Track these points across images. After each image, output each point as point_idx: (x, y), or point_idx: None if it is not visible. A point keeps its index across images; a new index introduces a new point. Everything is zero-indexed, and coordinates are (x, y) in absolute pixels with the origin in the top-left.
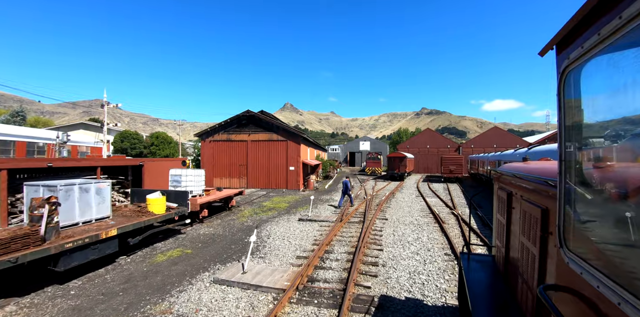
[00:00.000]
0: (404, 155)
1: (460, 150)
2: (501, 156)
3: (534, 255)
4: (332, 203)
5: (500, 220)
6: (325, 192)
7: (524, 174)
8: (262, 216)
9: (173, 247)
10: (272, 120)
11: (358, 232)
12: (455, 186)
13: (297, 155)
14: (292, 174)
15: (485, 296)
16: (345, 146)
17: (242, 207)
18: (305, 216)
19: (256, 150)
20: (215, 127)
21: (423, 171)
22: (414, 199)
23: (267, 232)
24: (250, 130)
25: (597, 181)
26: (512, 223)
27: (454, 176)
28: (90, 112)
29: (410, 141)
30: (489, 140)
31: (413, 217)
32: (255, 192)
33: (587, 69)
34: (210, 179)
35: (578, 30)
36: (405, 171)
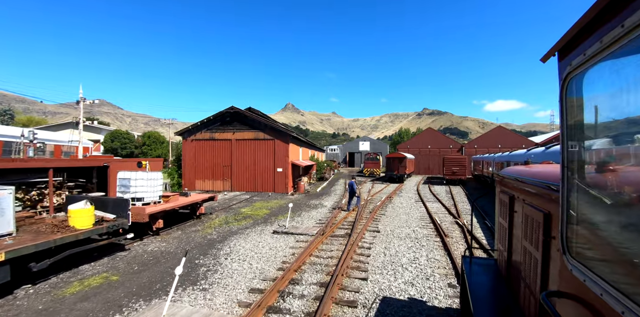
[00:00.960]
0: (404, 156)
1: (463, 150)
2: (510, 157)
3: (536, 259)
4: (321, 209)
5: (502, 223)
6: (316, 196)
7: (526, 178)
8: (232, 227)
9: (101, 271)
10: (258, 118)
11: (340, 251)
12: (458, 188)
13: (285, 156)
14: (280, 176)
15: (487, 300)
16: (345, 146)
17: (215, 214)
18: (281, 228)
19: (241, 150)
20: (197, 125)
21: (424, 172)
22: (413, 205)
23: (229, 250)
24: (235, 129)
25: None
26: (514, 227)
27: (456, 178)
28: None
29: (410, 141)
30: (493, 141)
31: (410, 228)
32: (238, 196)
33: (589, 75)
34: (192, 181)
35: (580, 38)
36: (405, 173)
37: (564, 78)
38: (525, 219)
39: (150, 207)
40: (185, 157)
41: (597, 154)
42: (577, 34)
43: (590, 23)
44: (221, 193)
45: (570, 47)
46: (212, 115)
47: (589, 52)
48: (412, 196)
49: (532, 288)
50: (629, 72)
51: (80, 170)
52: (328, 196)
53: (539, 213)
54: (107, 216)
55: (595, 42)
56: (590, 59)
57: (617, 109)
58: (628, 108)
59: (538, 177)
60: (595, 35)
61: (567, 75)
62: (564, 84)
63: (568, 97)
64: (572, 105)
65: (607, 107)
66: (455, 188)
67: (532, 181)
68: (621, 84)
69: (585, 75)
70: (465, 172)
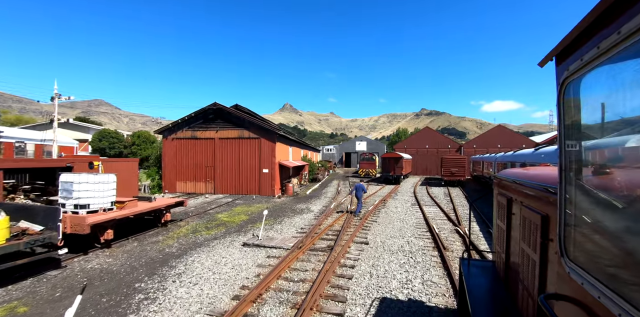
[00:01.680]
0: (400, 156)
1: (462, 150)
2: (515, 157)
3: (534, 261)
4: (306, 215)
5: (500, 225)
6: (305, 199)
7: (524, 180)
8: (199, 237)
9: (13, 298)
10: (242, 115)
11: (317, 271)
12: (457, 190)
13: (271, 156)
14: (266, 178)
15: (485, 302)
16: (341, 146)
17: (186, 221)
18: (254, 239)
19: (225, 149)
20: (178, 123)
21: (422, 173)
22: (409, 209)
23: (183, 268)
24: (219, 127)
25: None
26: (512, 229)
27: (455, 179)
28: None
29: (408, 141)
30: (493, 140)
31: (404, 238)
32: (220, 200)
33: (587, 80)
34: (172, 183)
35: (578, 43)
36: (402, 173)
37: (561, 83)
38: (523, 222)
39: (95, 216)
40: (166, 157)
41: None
42: (575, 39)
43: (587, 29)
44: (202, 196)
45: (568, 52)
46: (193, 112)
47: (586, 57)
48: (408, 199)
49: (530, 290)
50: (625, 78)
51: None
52: (317, 199)
53: (537, 215)
54: (33, 227)
55: (593, 48)
56: (588, 65)
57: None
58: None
59: (536, 180)
60: (592, 41)
61: (565, 80)
62: (562, 89)
63: (566, 101)
64: (570, 109)
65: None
66: (454, 190)
67: (529, 184)
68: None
69: (583, 80)
70: (465, 173)
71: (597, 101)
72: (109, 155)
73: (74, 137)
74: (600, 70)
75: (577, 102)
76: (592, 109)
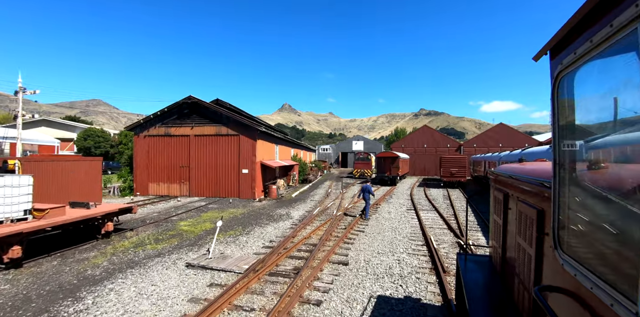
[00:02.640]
0: (396, 155)
1: (462, 149)
2: (525, 156)
3: (530, 255)
4: (283, 223)
5: (497, 221)
6: (288, 203)
7: (520, 175)
8: (140, 253)
9: None
10: (219, 109)
11: (266, 313)
12: (457, 192)
13: (251, 155)
14: (246, 179)
15: (482, 296)
16: (337, 146)
17: (138, 230)
18: (203, 257)
19: (201, 147)
20: (150, 119)
21: (420, 173)
22: (404, 215)
23: (89, 302)
24: (194, 123)
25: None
26: (508, 224)
27: (455, 180)
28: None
29: (405, 140)
30: (494, 139)
31: (395, 254)
32: (192, 203)
33: (580, 74)
34: (144, 184)
35: (571, 37)
36: (398, 174)
37: (555, 76)
38: (519, 216)
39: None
40: (137, 156)
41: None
42: (568, 33)
43: (580, 22)
44: (174, 199)
45: (562, 46)
46: (167, 107)
47: (579, 51)
48: (404, 203)
49: (525, 284)
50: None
51: None
52: (302, 203)
53: (533, 210)
54: None
55: (585, 42)
56: (581, 58)
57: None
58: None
59: (532, 175)
60: (585, 35)
61: (559, 74)
62: (556, 82)
63: (559, 95)
64: (564, 103)
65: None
66: (454, 192)
67: (526, 178)
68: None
69: (576, 74)
70: (465, 174)
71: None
72: (94, 154)
73: (59, 136)
74: (593, 64)
75: (571, 95)
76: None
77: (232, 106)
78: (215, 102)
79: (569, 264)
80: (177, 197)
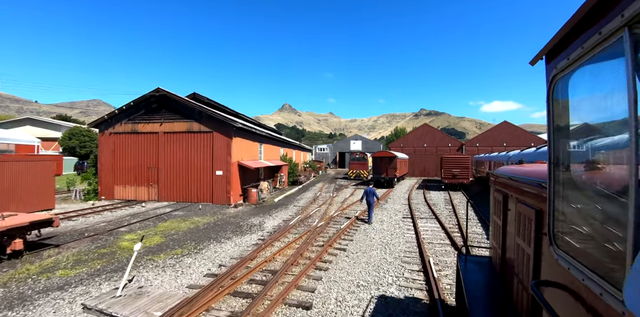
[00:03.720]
0: (394, 155)
1: (464, 149)
2: (540, 156)
3: (528, 255)
4: (249, 237)
5: (497, 221)
6: (267, 210)
7: (519, 177)
8: (41, 282)
9: None
10: (191, 103)
11: None
12: (459, 196)
13: (226, 154)
14: (220, 182)
15: (482, 297)
16: (335, 146)
17: (65, 247)
18: (105, 298)
19: (171, 146)
20: (115, 114)
21: (419, 174)
22: (398, 225)
23: None
24: (164, 118)
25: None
26: (507, 224)
27: (457, 183)
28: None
29: (404, 139)
30: (497, 138)
31: (381, 288)
32: (155, 210)
33: (574, 78)
34: (110, 187)
35: (565, 43)
36: (395, 175)
37: (550, 80)
38: (518, 217)
39: None
40: (102, 156)
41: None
42: (562, 39)
43: (573, 30)
44: (139, 204)
45: (556, 51)
46: (133, 101)
47: (572, 56)
48: (400, 209)
49: (524, 283)
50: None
51: None
52: (284, 209)
53: (531, 210)
54: None
55: (578, 48)
56: (574, 63)
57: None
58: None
59: (530, 176)
60: (577, 41)
61: (554, 78)
62: (551, 86)
63: (555, 98)
64: (559, 106)
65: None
66: (457, 195)
67: (524, 180)
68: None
69: (570, 78)
70: (468, 175)
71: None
72: (79, 154)
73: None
74: (585, 69)
75: (566, 98)
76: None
77: (211, 101)
78: (192, 96)
79: (563, 259)
80: (144, 202)
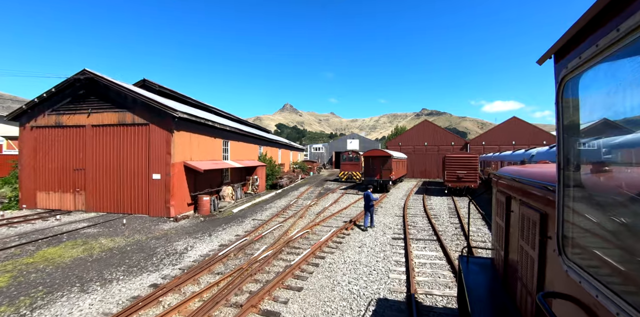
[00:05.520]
0: (388, 154)
1: (468, 148)
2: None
3: (532, 259)
4: (146, 279)
5: (499, 223)
6: (212, 226)
7: (523, 178)
8: None
9: None
10: (125, 89)
11: None
12: (466, 203)
13: (165, 152)
14: (157, 188)
15: (484, 300)
16: (331, 145)
17: None
18: None
19: (100, 142)
20: (35, 104)
21: (419, 175)
22: (383, 254)
23: None
24: (92, 107)
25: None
26: (510, 226)
27: (463, 186)
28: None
29: (403, 137)
30: (505, 136)
31: None
32: (66, 226)
33: (585, 78)
34: (31, 193)
35: (576, 41)
36: (390, 177)
37: (560, 81)
38: (521, 219)
39: None
40: (23, 155)
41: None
42: (574, 37)
43: (586, 26)
44: (54, 217)
45: (567, 50)
46: (55, 86)
47: (584, 55)
48: (392, 224)
49: (528, 288)
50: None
51: None
52: (236, 225)
53: (536, 213)
54: None
55: (591, 46)
56: (587, 63)
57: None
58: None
59: (535, 178)
60: (590, 39)
61: (564, 78)
62: (560, 87)
63: (564, 99)
64: (568, 107)
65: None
66: (461, 201)
67: (528, 181)
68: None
69: (581, 78)
70: (476, 178)
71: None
72: None
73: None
74: (599, 69)
75: (576, 100)
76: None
77: (165, 89)
78: (141, 83)
79: (573, 271)
80: (60, 215)
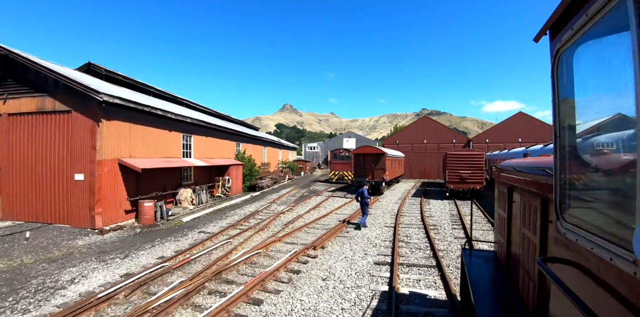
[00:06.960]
0: (381, 152)
1: (471, 145)
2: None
3: (534, 244)
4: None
5: (502, 214)
6: (141, 244)
7: (523, 166)
8: None
9: None
10: (44, 69)
11: None
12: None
13: (89, 147)
14: (80, 191)
15: (487, 291)
16: (326, 144)
17: None
18: None
19: (17, 134)
20: None
21: (418, 176)
22: (357, 288)
23: None
24: (8, 93)
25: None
26: (512, 217)
27: (467, 188)
28: None
29: (400, 134)
30: (511, 133)
31: None
32: None
33: (578, 50)
34: None
35: (569, 12)
36: (384, 178)
37: (554, 54)
38: (523, 207)
39: None
40: None
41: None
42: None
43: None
44: None
45: (560, 23)
46: None
47: (576, 26)
48: (377, 239)
49: (530, 274)
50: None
51: None
52: (175, 240)
53: (537, 199)
54: None
55: (582, 16)
56: (577, 33)
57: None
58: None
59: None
60: (582, 9)
61: (558, 51)
62: (555, 60)
63: (559, 72)
64: (563, 82)
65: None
66: (464, 206)
67: (529, 168)
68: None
69: (575, 51)
70: (482, 178)
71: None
72: None
73: None
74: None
75: (570, 72)
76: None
77: (113, 74)
78: (86, 67)
79: (570, 232)
80: None
